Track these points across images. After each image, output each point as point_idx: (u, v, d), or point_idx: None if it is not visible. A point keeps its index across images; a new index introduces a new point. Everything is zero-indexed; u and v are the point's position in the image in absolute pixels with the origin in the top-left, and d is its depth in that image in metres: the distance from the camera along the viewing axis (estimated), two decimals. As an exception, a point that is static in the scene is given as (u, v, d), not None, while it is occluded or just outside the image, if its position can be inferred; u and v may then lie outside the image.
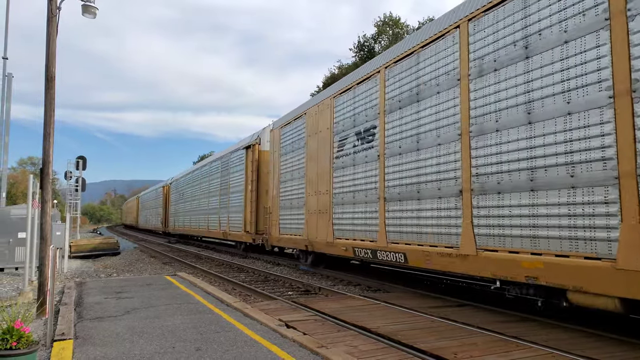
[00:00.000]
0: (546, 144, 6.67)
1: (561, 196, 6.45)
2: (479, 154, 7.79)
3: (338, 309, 8.15)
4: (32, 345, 4.56)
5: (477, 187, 7.83)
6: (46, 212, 8.21)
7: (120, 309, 7.90)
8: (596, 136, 6.04)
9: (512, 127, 7.19)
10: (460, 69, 8.28)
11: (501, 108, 7.40)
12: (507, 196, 7.25)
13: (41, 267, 8.07)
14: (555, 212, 6.51)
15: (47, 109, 8.32)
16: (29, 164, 77.58)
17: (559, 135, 6.49)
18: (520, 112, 7.07)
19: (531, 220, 6.86)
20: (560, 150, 6.47)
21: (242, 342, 5.87)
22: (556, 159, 6.52)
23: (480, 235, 7.73)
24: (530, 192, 6.88)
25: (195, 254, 22.94)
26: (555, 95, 6.56)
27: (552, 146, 6.59)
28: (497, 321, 7.25)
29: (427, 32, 9.43)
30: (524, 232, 6.97)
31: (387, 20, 43.72)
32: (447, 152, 8.52)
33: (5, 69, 18.76)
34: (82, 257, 21.60)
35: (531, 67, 6.97)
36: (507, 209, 7.23)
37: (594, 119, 6.07)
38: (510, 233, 7.19)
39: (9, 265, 14.41)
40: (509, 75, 7.31)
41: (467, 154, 8.02)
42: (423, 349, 5.72)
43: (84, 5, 9.41)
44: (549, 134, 6.64)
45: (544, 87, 6.75)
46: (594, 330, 6.55)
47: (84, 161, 28.55)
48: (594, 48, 6.10)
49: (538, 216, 6.76)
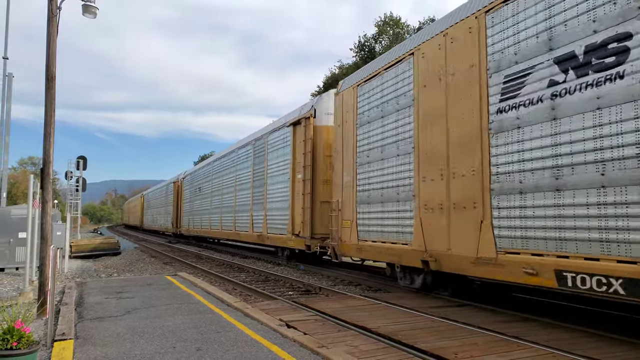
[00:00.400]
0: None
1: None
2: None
3: (339, 309, 8.14)
4: (33, 345, 4.55)
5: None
6: (47, 212, 8.21)
7: (120, 309, 7.90)
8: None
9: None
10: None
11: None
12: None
13: (42, 267, 8.07)
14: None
15: (48, 109, 8.32)
16: (30, 164, 77.68)
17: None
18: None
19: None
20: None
21: (243, 342, 5.87)
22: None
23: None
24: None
25: (195, 254, 22.93)
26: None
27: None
28: (498, 321, 7.23)
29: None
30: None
31: (387, 20, 43.72)
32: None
33: (6, 69, 18.77)
34: (82, 257, 21.60)
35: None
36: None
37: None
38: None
39: (9, 265, 14.42)
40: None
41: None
42: (424, 349, 5.71)
43: (84, 5, 9.41)
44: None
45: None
46: (595, 330, 6.53)
47: (85, 161, 28.56)
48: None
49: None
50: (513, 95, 7.18)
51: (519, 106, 7.06)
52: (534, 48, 6.89)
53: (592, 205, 5.97)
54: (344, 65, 44.77)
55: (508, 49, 7.32)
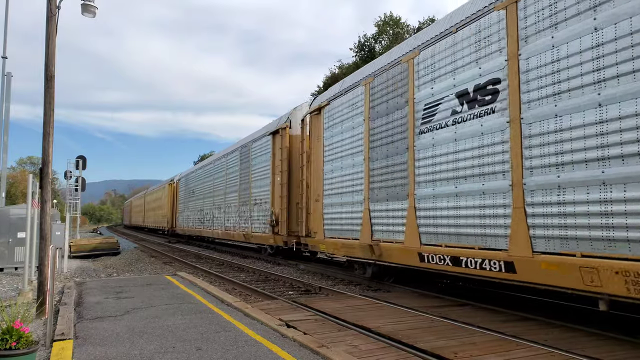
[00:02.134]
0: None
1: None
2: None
3: (338, 309, 8.14)
4: (32, 345, 4.55)
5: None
6: (46, 211, 8.20)
7: (120, 309, 7.89)
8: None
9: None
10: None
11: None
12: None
13: (41, 267, 8.07)
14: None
15: (47, 109, 8.31)
16: (29, 163, 77.62)
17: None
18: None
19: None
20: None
21: (243, 341, 5.86)
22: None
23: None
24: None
25: (195, 254, 22.92)
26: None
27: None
28: (497, 320, 7.24)
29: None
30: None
31: (387, 20, 43.72)
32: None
33: (5, 68, 18.74)
34: (82, 257, 21.58)
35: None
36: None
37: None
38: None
39: (8, 265, 14.39)
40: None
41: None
42: (423, 348, 5.72)
43: (84, 5, 9.39)
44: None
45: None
46: (594, 330, 6.54)
47: (84, 161, 28.51)
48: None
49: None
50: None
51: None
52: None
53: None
54: (344, 65, 44.77)
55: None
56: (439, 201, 8.70)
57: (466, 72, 8.22)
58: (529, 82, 7.00)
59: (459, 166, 8.27)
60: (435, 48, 9.04)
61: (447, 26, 8.84)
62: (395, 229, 9.95)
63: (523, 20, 7.11)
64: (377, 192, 10.64)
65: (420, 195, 9.21)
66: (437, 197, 8.76)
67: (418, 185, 9.29)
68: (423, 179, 9.16)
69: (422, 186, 9.18)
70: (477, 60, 8.01)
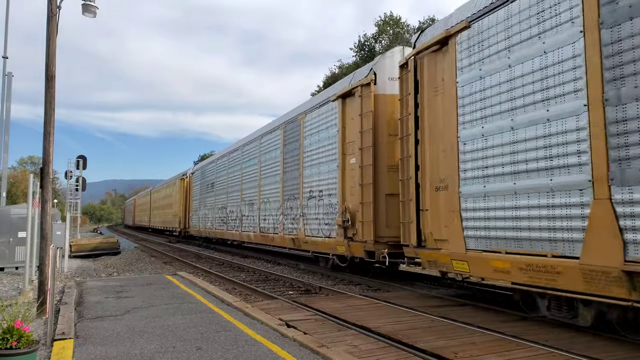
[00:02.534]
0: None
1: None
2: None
3: (338, 309, 8.15)
4: (33, 344, 4.55)
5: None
6: (46, 211, 8.21)
7: (120, 309, 7.90)
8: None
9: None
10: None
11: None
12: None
13: (41, 266, 8.07)
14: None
15: (47, 109, 8.31)
16: (29, 163, 77.62)
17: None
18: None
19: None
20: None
21: (243, 341, 5.87)
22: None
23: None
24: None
25: (195, 254, 22.93)
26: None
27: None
28: (497, 320, 7.25)
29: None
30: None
31: (387, 20, 43.69)
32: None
33: (5, 68, 18.76)
34: (82, 256, 21.60)
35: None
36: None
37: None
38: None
39: (9, 265, 14.40)
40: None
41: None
42: (424, 348, 5.72)
43: (84, 5, 9.40)
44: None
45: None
46: (594, 330, 6.54)
47: (84, 160, 28.51)
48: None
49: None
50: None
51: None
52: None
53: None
54: (344, 65, 44.76)
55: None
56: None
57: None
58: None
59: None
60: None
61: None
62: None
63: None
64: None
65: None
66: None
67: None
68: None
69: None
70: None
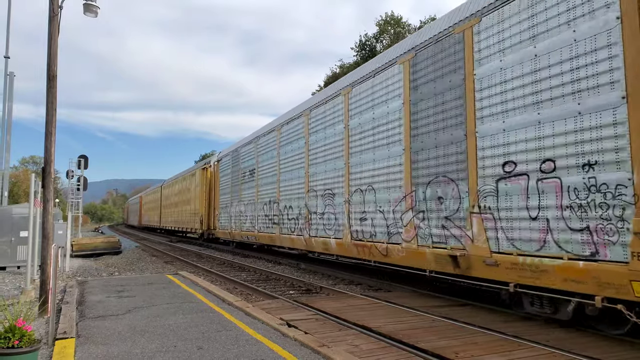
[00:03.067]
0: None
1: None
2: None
3: (339, 308, 8.15)
4: (34, 343, 4.56)
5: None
6: (48, 211, 8.22)
7: (122, 308, 7.91)
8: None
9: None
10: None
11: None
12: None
13: (43, 265, 8.09)
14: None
15: (49, 108, 8.32)
16: (31, 163, 77.73)
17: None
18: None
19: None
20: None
21: (244, 341, 5.87)
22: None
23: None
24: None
25: (196, 253, 22.95)
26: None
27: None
28: (498, 320, 7.24)
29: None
30: None
31: (388, 20, 43.67)
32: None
33: (7, 68, 18.80)
34: (83, 256, 21.63)
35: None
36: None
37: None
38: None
39: (10, 264, 14.44)
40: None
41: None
42: (424, 348, 5.72)
43: (86, 4, 9.41)
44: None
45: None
46: (594, 330, 6.53)
47: (86, 160, 28.56)
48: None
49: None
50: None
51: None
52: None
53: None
54: (345, 65, 44.75)
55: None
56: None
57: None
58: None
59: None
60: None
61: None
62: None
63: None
64: None
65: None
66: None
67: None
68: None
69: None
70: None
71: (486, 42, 7.72)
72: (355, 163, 11.50)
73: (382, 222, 10.30)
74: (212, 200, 26.58)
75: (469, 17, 8.12)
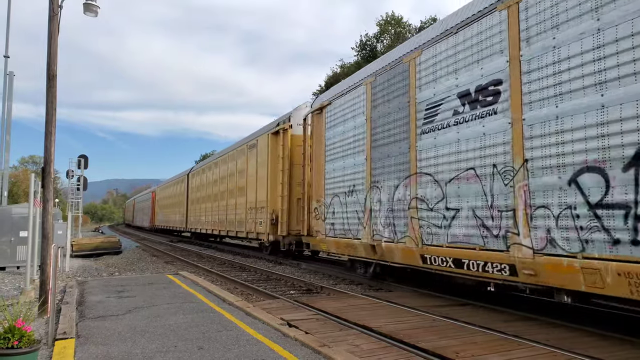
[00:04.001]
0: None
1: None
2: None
3: (340, 308, 8.14)
4: (34, 344, 4.56)
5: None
6: (48, 210, 8.21)
7: (122, 308, 7.90)
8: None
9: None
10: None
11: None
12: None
13: (43, 265, 8.08)
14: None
15: (49, 108, 8.31)
16: (31, 162, 77.73)
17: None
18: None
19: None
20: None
21: (245, 341, 5.87)
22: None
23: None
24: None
25: (197, 253, 22.94)
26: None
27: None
28: (499, 320, 7.24)
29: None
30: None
31: (389, 20, 43.65)
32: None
33: (7, 67, 18.79)
34: (83, 256, 21.63)
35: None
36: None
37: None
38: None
39: (10, 264, 14.43)
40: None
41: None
42: (425, 347, 5.71)
43: (86, 4, 9.40)
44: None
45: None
46: (595, 330, 6.53)
47: (86, 160, 28.56)
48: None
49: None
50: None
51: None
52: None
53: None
54: (345, 65, 44.73)
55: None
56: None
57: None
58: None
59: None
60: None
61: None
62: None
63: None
64: None
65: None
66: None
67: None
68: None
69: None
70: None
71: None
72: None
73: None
74: (295, 185, 16.66)
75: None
